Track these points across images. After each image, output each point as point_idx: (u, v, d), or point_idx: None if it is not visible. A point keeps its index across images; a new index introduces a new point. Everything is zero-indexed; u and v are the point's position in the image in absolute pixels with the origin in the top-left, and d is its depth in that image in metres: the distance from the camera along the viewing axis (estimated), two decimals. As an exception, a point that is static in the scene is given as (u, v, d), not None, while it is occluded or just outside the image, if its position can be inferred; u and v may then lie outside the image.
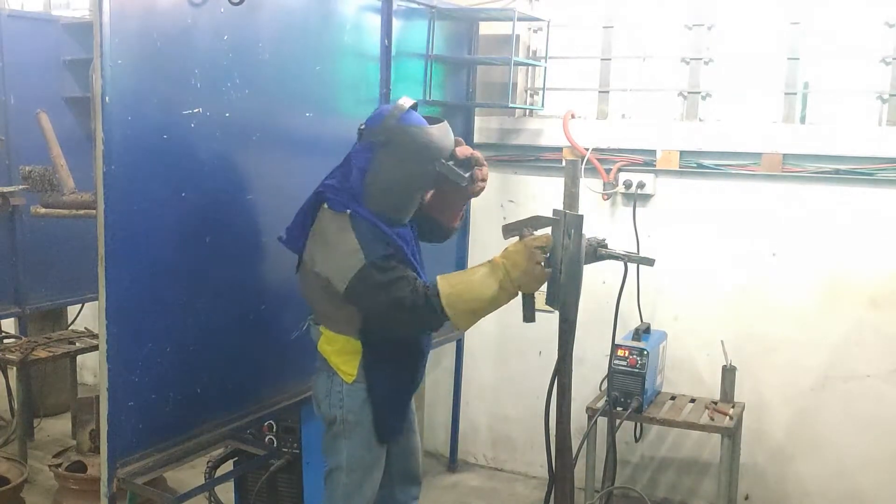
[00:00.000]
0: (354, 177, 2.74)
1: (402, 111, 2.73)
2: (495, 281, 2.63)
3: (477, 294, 2.65)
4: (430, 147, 2.72)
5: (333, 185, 2.78)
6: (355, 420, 2.86)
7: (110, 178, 2.43)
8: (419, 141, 2.71)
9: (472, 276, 2.69)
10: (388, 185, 2.74)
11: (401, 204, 2.81)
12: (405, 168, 2.73)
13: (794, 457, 4.14)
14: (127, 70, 2.45)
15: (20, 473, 3.93)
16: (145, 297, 2.61)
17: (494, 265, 2.66)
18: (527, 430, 4.67)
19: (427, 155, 2.72)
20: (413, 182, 2.78)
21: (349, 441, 2.87)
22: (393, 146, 2.70)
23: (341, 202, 2.73)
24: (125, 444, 2.60)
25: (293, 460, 3.43)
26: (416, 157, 2.71)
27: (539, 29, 4.52)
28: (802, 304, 4.03)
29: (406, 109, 2.74)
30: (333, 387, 2.86)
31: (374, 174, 2.73)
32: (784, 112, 4.08)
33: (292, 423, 3.41)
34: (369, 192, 2.73)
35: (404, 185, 2.78)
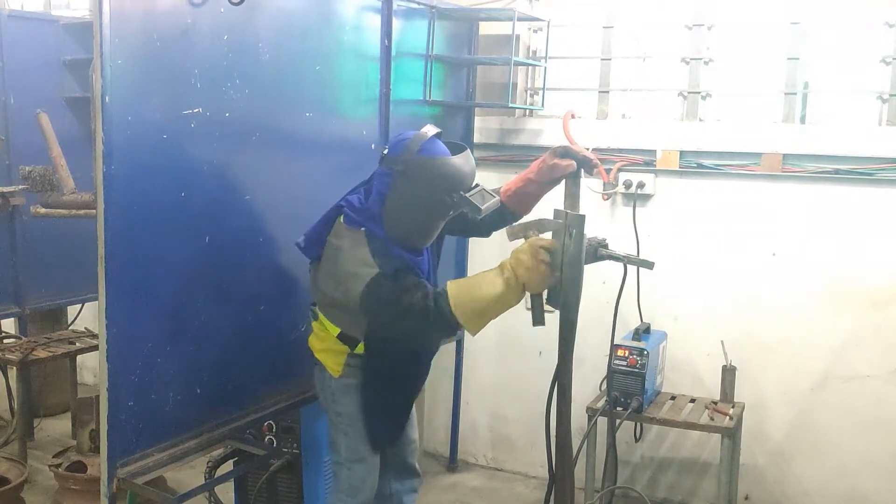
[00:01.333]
0: (374, 199, 2.77)
1: (424, 140, 2.72)
2: (501, 279, 2.63)
3: (484, 293, 2.65)
4: (448, 179, 2.72)
5: (354, 202, 2.81)
6: (348, 415, 2.94)
7: (110, 178, 2.43)
8: (437, 173, 2.70)
9: (480, 277, 2.71)
10: (405, 214, 2.76)
11: (417, 232, 2.82)
12: (422, 198, 2.74)
13: (794, 457, 4.14)
14: (127, 70, 2.45)
15: (20, 473, 3.93)
16: (145, 297, 2.61)
17: (501, 266, 2.67)
18: (527, 430, 4.67)
19: (444, 187, 2.72)
20: (429, 212, 2.80)
21: (346, 437, 2.96)
22: (411, 176, 2.70)
23: (358, 221, 2.76)
24: (125, 444, 2.60)
25: (293, 460, 3.44)
26: (432, 188, 2.71)
27: (539, 29, 4.52)
28: (802, 304, 4.03)
29: (428, 138, 2.73)
30: (325, 382, 2.97)
31: (393, 201, 2.74)
32: (784, 112, 4.07)
33: (292, 423, 3.41)
34: (387, 217, 2.76)
35: (421, 214, 2.79)
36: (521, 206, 3.09)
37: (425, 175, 2.70)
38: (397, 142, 2.78)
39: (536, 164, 2.95)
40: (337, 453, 3.00)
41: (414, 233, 2.82)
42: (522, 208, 3.10)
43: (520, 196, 3.05)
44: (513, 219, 3.14)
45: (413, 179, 2.70)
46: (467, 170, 2.76)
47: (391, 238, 2.76)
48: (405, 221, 2.77)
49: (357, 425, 2.95)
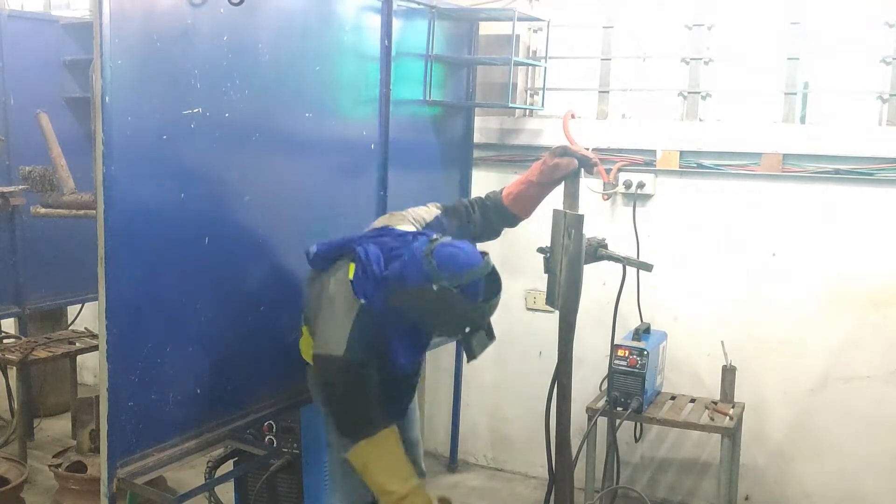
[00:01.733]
0: (394, 274, 2.70)
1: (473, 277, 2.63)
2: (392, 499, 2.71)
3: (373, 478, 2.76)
4: (467, 319, 2.71)
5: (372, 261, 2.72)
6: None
7: (110, 178, 2.43)
8: (462, 312, 2.68)
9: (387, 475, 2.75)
10: (413, 314, 2.72)
11: (414, 330, 2.80)
12: (436, 318, 2.73)
13: (794, 457, 4.14)
14: (127, 70, 2.45)
15: (20, 473, 3.93)
16: (145, 297, 2.61)
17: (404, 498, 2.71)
18: (527, 431, 4.67)
19: (460, 323, 2.72)
20: (433, 328, 2.82)
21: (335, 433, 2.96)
22: (438, 300, 2.63)
23: (364, 288, 2.70)
24: (125, 444, 2.60)
25: (293, 460, 3.44)
26: (449, 319, 2.71)
27: (539, 29, 4.52)
28: (802, 304, 4.03)
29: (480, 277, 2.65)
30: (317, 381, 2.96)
31: (408, 295, 2.68)
32: (784, 112, 4.07)
33: (292, 423, 3.41)
34: (397, 301, 2.70)
35: (426, 324, 2.79)
36: (523, 209, 3.09)
37: (451, 308, 2.66)
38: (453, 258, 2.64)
39: (537, 166, 2.95)
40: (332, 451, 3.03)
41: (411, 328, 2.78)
42: (524, 211, 3.11)
43: (522, 199, 3.05)
44: (515, 222, 3.15)
45: (438, 303, 2.64)
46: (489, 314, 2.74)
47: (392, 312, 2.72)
48: (409, 316, 2.73)
49: None
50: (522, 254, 4.21)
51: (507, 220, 3.12)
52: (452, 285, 2.60)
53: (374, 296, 2.70)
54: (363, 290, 2.70)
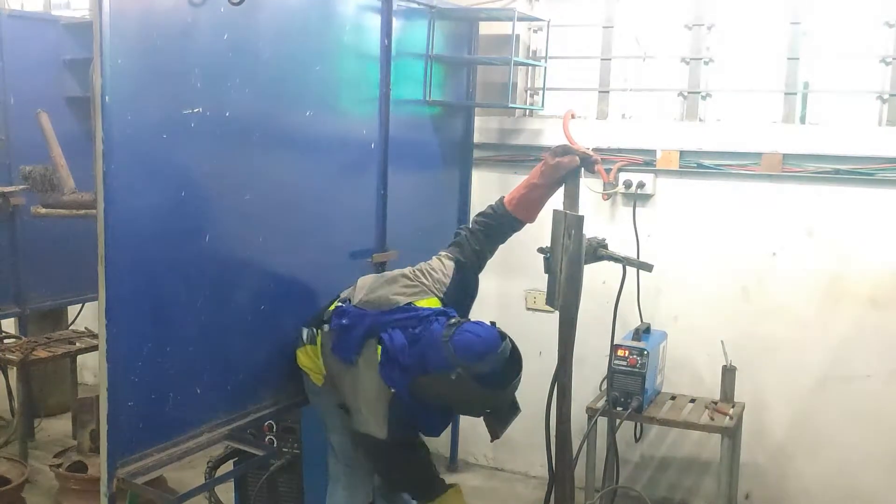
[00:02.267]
0: (415, 364, 2.76)
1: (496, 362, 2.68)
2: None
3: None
4: (487, 405, 2.81)
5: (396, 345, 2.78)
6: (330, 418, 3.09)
7: (110, 178, 2.43)
8: (481, 398, 2.76)
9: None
10: (433, 399, 2.80)
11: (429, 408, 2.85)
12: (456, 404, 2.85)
13: (794, 456, 4.14)
14: (127, 70, 2.45)
15: (20, 473, 3.93)
16: (145, 297, 2.61)
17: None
18: (527, 430, 4.64)
19: (480, 407, 2.84)
20: (453, 411, 2.97)
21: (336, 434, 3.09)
22: (458, 387, 2.68)
23: (392, 375, 2.79)
24: (125, 444, 2.60)
25: (293, 460, 3.44)
26: (469, 405, 2.83)
27: (539, 29, 4.52)
28: (802, 303, 4.03)
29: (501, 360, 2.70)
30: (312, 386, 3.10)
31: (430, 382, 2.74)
32: (784, 112, 4.07)
33: (292, 423, 3.41)
34: (419, 387, 2.77)
35: (445, 409, 2.90)
36: (527, 212, 3.10)
37: (470, 396, 2.72)
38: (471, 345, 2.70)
39: (538, 168, 2.96)
40: (331, 449, 3.10)
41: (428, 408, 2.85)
42: (529, 215, 3.12)
43: (526, 203, 3.06)
44: (520, 226, 3.15)
45: (458, 390, 2.70)
46: (508, 399, 2.83)
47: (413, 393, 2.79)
48: (428, 401, 2.80)
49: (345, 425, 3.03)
50: (522, 254, 4.20)
51: (513, 226, 3.14)
52: (470, 374, 2.64)
53: (401, 382, 2.77)
54: (390, 377, 2.78)
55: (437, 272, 3.03)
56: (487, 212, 3.16)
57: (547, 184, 2.96)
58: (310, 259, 3.26)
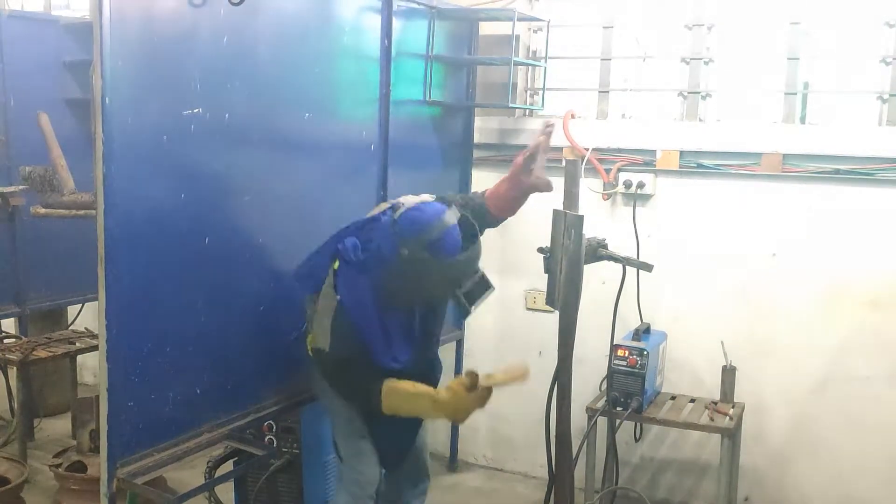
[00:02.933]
0: (372, 255, 2.76)
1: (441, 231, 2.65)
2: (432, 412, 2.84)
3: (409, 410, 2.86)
4: (449, 280, 2.74)
5: (350, 251, 2.78)
6: (336, 411, 3.03)
7: (110, 179, 2.43)
8: (442, 273, 2.71)
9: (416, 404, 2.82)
10: (399, 288, 2.77)
11: (404, 302, 2.84)
12: (420, 286, 2.77)
13: (793, 458, 4.14)
14: (127, 71, 2.45)
15: (20, 473, 3.93)
16: (145, 297, 2.61)
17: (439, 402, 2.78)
18: (527, 431, 4.66)
19: (444, 285, 2.76)
20: (422, 298, 2.85)
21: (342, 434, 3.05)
22: (415, 266, 2.67)
23: (346, 277, 2.77)
24: (125, 444, 2.60)
25: (293, 460, 3.44)
26: (432, 283, 2.75)
27: (539, 29, 4.52)
28: (802, 304, 4.03)
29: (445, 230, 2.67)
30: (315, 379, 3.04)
31: (390, 273, 2.72)
32: (784, 112, 4.07)
33: (292, 423, 3.41)
34: (380, 280, 2.75)
35: (414, 296, 2.83)
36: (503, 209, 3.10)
37: (429, 271, 2.69)
38: (414, 220, 2.69)
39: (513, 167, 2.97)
40: (337, 449, 3.07)
41: (403, 302, 2.84)
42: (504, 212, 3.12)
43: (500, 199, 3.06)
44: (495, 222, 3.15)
45: (416, 269, 2.68)
46: (472, 267, 2.76)
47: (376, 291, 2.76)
48: (397, 293, 2.78)
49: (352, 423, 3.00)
50: (522, 254, 4.21)
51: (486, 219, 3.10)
52: (421, 247, 2.62)
53: (359, 286, 2.74)
54: (345, 282, 2.76)
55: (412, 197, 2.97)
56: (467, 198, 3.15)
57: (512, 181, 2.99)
58: (310, 259, 3.26)
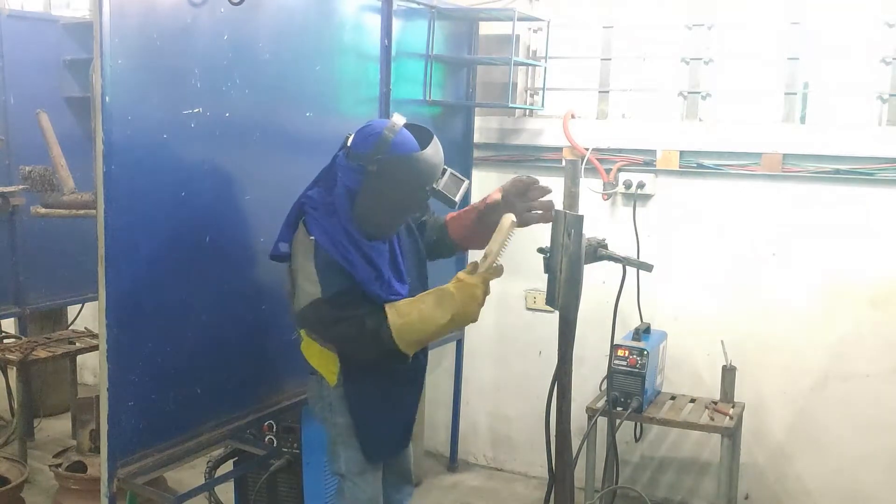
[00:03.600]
0: (339, 193, 2.71)
1: (394, 134, 2.65)
2: (448, 314, 2.67)
3: (428, 327, 2.70)
4: (422, 175, 2.68)
5: (314, 197, 2.75)
6: (346, 424, 2.87)
7: (110, 178, 2.43)
8: (411, 170, 2.66)
9: (426, 309, 2.69)
10: (377, 210, 2.72)
11: (386, 225, 2.79)
12: (395, 195, 2.70)
13: (794, 456, 4.14)
14: (127, 70, 2.45)
15: (20, 473, 3.93)
16: (145, 297, 2.61)
17: (445, 294, 2.68)
18: (527, 430, 4.67)
19: (418, 183, 2.69)
20: (403, 207, 2.79)
21: (345, 446, 2.89)
22: (384, 175, 2.64)
23: (316, 220, 2.70)
24: (125, 444, 2.60)
25: (293, 460, 3.43)
26: (406, 185, 2.69)
27: (539, 29, 4.52)
28: (802, 303, 4.03)
29: (398, 131, 2.66)
30: (322, 390, 2.90)
31: (364, 198, 2.68)
32: (784, 112, 4.07)
33: (292, 423, 3.41)
34: (356, 212, 2.71)
35: (394, 209, 2.77)
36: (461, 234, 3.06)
37: (399, 174, 2.65)
38: (366, 136, 2.67)
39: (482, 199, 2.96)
40: (338, 465, 2.92)
41: (382, 225, 2.77)
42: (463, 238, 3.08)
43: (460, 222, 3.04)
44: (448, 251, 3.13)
45: (386, 178, 2.65)
46: (438, 160, 2.73)
47: (356, 228, 2.70)
48: (375, 216, 2.72)
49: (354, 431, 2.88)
50: (522, 254, 4.20)
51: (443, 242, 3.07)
52: (384, 154, 2.60)
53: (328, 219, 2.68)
54: (317, 225, 2.68)
55: None
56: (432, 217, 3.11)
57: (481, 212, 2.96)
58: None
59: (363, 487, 2.89)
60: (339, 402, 2.87)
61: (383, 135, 2.65)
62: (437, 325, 2.69)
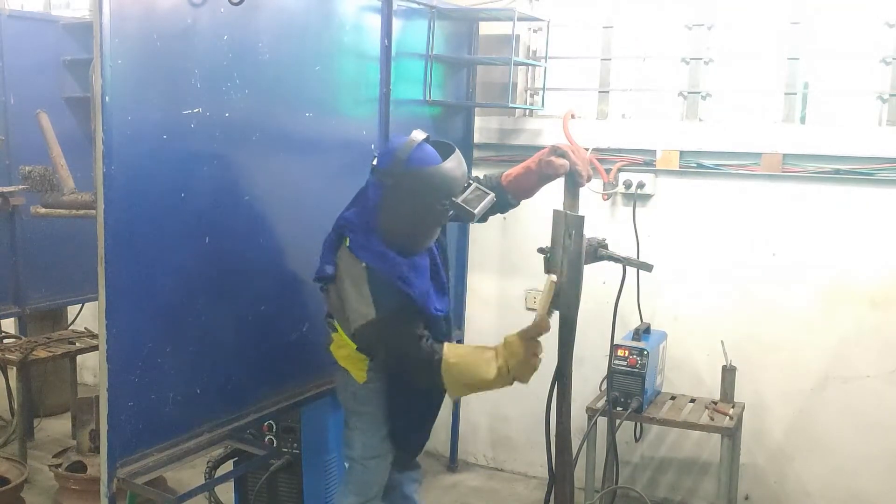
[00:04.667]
0: (370, 211, 2.78)
1: (412, 149, 2.69)
2: (495, 368, 2.73)
3: (475, 374, 2.77)
4: (439, 188, 2.71)
5: (352, 219, 2.82)
6: (370, 414, 3.00)
7: (110, 178, 2.43)
8: (428, 183, 2.70)
9: (477, 357, 2.78)
10: (401, 224, 2.77)
11: (415, 239, 2.84)
12: (415, 208, 2.75)
13: (794, 457, 4.14)
14: (127, 70, 2.45)
15: (20, 473, 3.93)
16: (145, 297, 2.61)
17: (496, 353, 2.75)
18: (527, 430, 4.67)
19: (437, 195, 2.72)
20: (424, 220, 2.82)
21: (364, 434, 3.02)
22: (402, 189, 2.70)
23: (359, 243, 2.77)
24: (125, 444, 2.60)
25: (293, 460, 3.44)
26: (425, 198, 2.72)
27: (539, 29, 4.52)
28: (802, 304, 4.03)
29: (416, 145, 2.71)
30: (349, 383, 3.01)
31: (387, 213, 2.75)
32: (784, 112, 4.07)
33: (292, 423, 3.41)
34: (383, 228, 2.77)
35: (416, 223, 2.81)
36: (517, 192, 3.07)
37: (416, 187, 2.70)
38: (386, 152, 2.76)
39: (538, 155, 2.96)
40: (351, 449, 3.05)
41: (411, 240, 2.83)
42: (520, 196, 3.09)
43: (519, 183, 3.03)
44: (507, 207, 3.12)
45: (404, 191, 2.70)
46: (458, 174, 2.75)
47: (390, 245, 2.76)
48: (401, 231, 2.79)
49: (377, 424, 3.01)
50: (522, 254, 4.21)
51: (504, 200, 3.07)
52: (400, 169, 2.66)
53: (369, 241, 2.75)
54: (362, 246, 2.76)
55: None
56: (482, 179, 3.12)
57: (538, 172, 2.94)
58: (310, 259, 3.25)
59: (373, 470, 3.03)
60: (364, 394, 2.99)
61: (401, 150, 2.70)
62: (480, 377, 2.77)
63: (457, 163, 2.76)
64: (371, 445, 3.01)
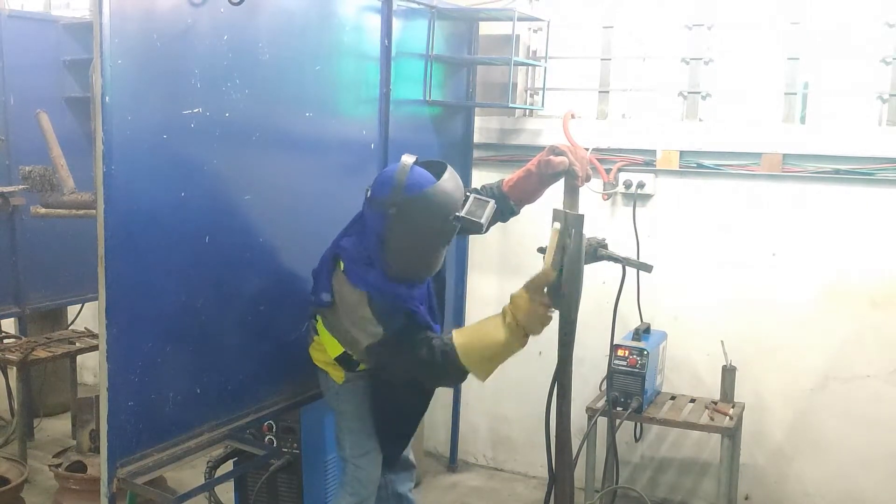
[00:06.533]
0: (372, 241, 2.77)
1: (407, 173, 2.68)
2: (503, 326, 2.68)
3: (488, 342, 2.72)
4: (444, 205, 2.70)
5: (348, 248, 2.81)
6: (352, 412, 3.05)
7: (110, 178, 2.43)
8: (431, 205, 2.69)
9: (483, 325, 2.76)
10: (409, 251, 2.77)
11: (423, 265, 2.84)
12: (422, 233, 2.74)
13: (794, 457, 4.14)
14: (127, 70, 2.45)
15: (20, 473, 3.93)
16: (145, 297, 2.61)
17: (503, 311, 2.72)
18: (527, 431, 4.67)
19: (443, 213, 2.71)
20: (433, 242, 2.81)
21: (350, 433, 3.07)
22: (407, 215, 2.68)
23: (358, 274, 2.77)
24: (125, 444, 2.60)
25: (293, 460, 3.44)
26: (431, 219, 2.71)
27: (539, 29, 4.52)
28: (802, 304, 4.03)
29: (409, 170, 2.69)
30: (330, 385, 3.08)
31: (395, 242, 2.74)
32: (784, 112, 4.07)
33: (292, 423, 3.41)
34: (390, 258, 2.76)
35: (425, 247, 2.80)
36: (520, 197, 3.08)
37: (420, 211, 2.69)
38: (381, 182, 2.75)
39: (537, 157, 2.96)
40: (342, 449, 3.10)
41: (421, 266, 2.83)
42: (523, 200, 3.10)
43: (521, 187, 3.04)
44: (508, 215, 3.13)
45: (410, 218, 2.69)
46: (457, 188, 2.75)
47: (394, 277, 2.76)
48: (410, 258, 2.78)
49: (363, 421, 3.05)
50: (522, 254, 4.20)
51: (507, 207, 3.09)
52: (399, 195, 2.66)
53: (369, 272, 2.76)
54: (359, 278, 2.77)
55: None
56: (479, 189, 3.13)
57: (539, 174, 2.95)
58: (309, 260, 3.25)
59: (364, 468, 3.06)
60: (345, 392, 3.04)
61: (396, 178, 2.69)
62: (492, 341, 2.70)
63: (452, 178, 2.75)
64: (359, 443, 3.06)
